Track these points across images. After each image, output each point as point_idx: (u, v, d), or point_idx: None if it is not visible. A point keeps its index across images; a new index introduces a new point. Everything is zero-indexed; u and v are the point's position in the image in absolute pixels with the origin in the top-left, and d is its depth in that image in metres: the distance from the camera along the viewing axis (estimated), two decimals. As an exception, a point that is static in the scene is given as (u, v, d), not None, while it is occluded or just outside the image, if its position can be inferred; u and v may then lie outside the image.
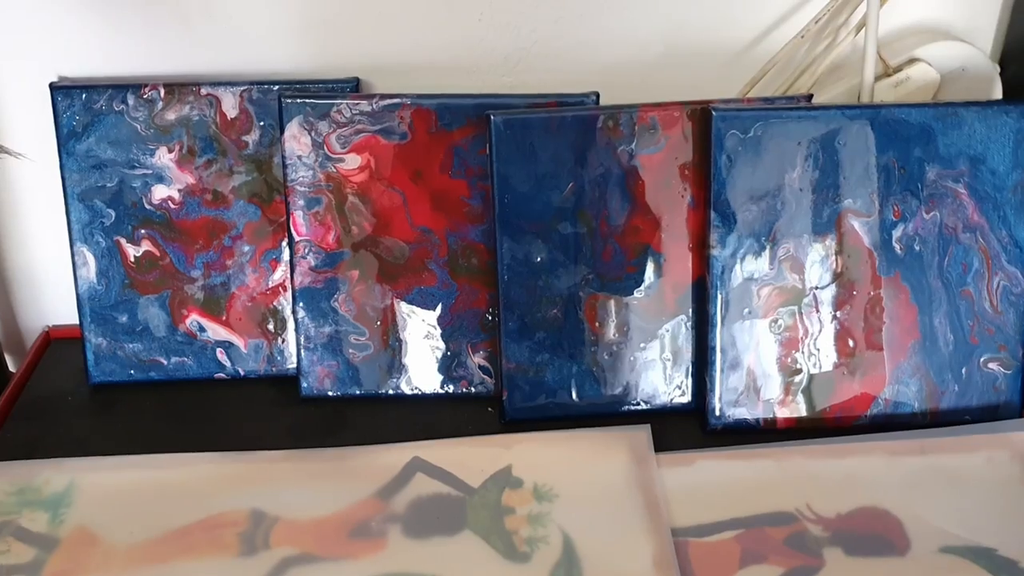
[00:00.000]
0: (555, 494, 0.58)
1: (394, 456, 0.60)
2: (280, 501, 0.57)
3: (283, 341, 0.67)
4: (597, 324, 0.63)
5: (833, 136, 0.59)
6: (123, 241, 0.66)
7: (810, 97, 0.62)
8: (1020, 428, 0.61)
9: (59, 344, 0.73)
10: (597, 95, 0.62)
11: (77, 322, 0.67)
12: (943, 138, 0.59)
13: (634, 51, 0.67)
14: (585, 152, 0.60)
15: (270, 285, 0.67)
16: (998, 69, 0.66)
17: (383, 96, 0.62)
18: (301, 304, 0.64)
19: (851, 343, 0.62)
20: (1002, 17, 0.67)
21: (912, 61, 0.64)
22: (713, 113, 0.58)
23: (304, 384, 0.66)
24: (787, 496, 0.58)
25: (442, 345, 0.65)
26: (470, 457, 0.60)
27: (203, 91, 0.64)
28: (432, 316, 0.65)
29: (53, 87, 0.64)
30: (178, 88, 0.63)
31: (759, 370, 0.62)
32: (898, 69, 0.64)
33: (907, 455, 0.60)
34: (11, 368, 0.75)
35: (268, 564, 0.53)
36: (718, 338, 0.61)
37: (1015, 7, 0.66)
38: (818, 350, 0.62)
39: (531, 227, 0.61)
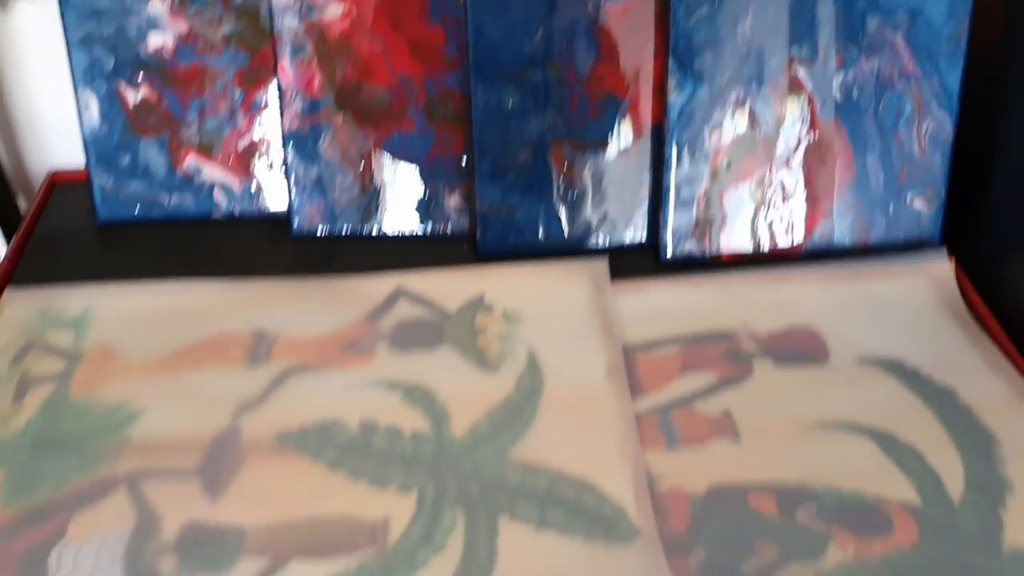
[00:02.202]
0: (522, 317, 0.65)
1: (380, 285, 0.67)
2: (280, 322, 0.64)
3: (273, 183, 0.73)
4: (564, 168, 0.69)
5: (782, -11, 0.63)
6: (123, 85, 0.70)
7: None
8: (937, 259, 0.68)
9: (63, 187, 0.79)
10: (566, -54, 0.66)
11: (79, 166, 0.72)
12: (884, -10, 0.64)
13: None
14: (555, 1, 0.64)
15: (260, 128, 0.72)
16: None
17: (363, -52, 0.66)
18: (290, 146, 0.70)
19: (793, 182, 0.68)
20: None
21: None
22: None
23: (295, 223, 0.72)
24: (728, 317, 0.65)
25: (421, 187, 0.71)
26: (447, 286, 0.67)
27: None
28: (411, 160, 0.70)
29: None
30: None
31: (708, 208, 0.68)
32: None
33: (837, 282, 0.67)
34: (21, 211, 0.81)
35: (270, 373, 0.61)
36: (672, 178, 0.68)
37: None
38: (763, 188, 0.68)
39: (503, 74, 0.66)
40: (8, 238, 0.79)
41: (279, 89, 0.68)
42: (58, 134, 0.77)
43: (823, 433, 0.57)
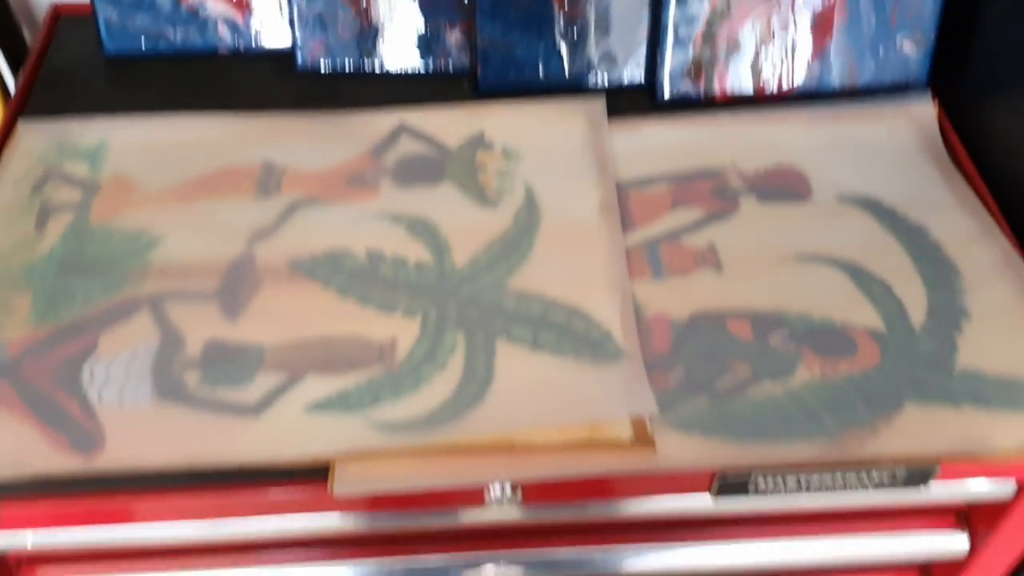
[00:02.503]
0: (520, 154, 0.68)
1: (383, 120, 0.70)
2: (287, 154, 0.67)
3: (277, 19, 0.74)
4: (564, 5, 0.70)
5: None
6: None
7: None
8: (921, 102, 0.70)
9: (68, 20, 0.79)
10: None
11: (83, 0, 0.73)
12: None
13: None
14: None
15: (263, -37, 0.72)
16: None
17: None
18: (293, -19, 0.71)
19: (786, 25, 0.69)
20: None
21: None
22: None
23: (299, 58, 0.73)
24: (717, 156, 0.68)
25: (423, 23, 0.72)
26: (448, 123, 0.69)
27: None
28: (413, -5, 0.71)
29: None
30: None
31: (704, 49, 0.70)
32: None
33: (823, 123, 0.70)
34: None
35: (280, 204, 0.64)
36: (671, 18, 0.69)
37: None
38: (756, 30, 0.69)
39: (504, -90, 0.66)
40: (15, 72, 0.81)
41: (280, -79, 0.69)
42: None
43: (800, 265, 0.61)
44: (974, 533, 0.59)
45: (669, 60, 0.70)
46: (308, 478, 0.50)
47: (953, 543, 0.60)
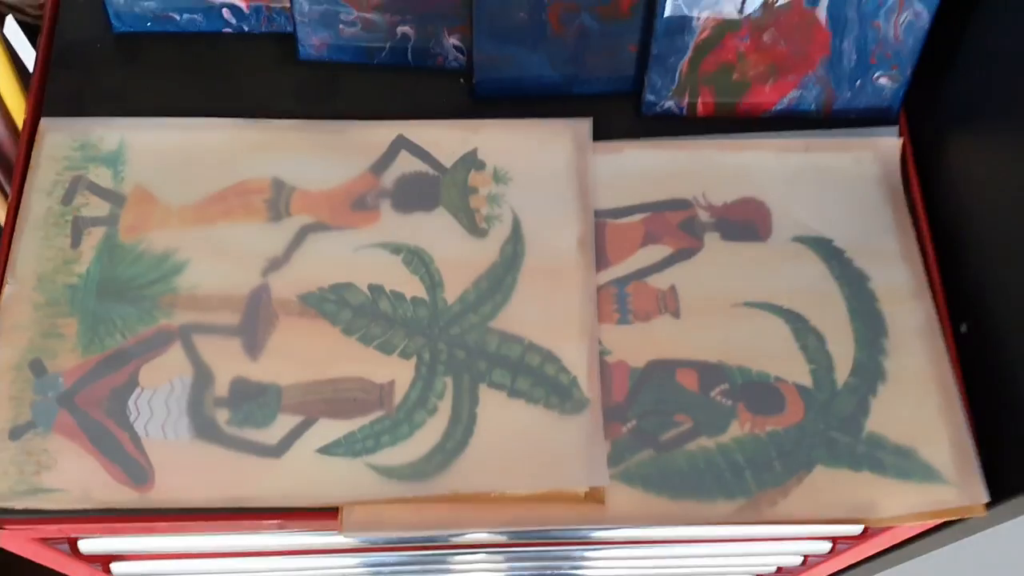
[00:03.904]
0: (510, 177, 0.73)
1: (383, 133, 0.74)
2: (295, 171, 0.72)
3: (282, 9, 0.76)
4: (559, 26, 0.72)
5: None
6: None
7: None
8: (888, 135, 0.75)
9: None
10: None
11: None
12: None
13: None
14: None
15: (265, -39, 0.73)
16: None
17: None
18: (295, -13, 0.72)
19: (771, 57, 0.72)
20: None
21: None
22: None
23: (300, 51, 0.76)
24: (689, 184, 0.74)
25: (422, 26, 0.75)
26: (444, 138, 0.74)
27: None
28: (412, 5, 0.73)
29: None
30: None
31: (688, 72, 0.73)
32: None
33: (793, 152, 0.75)
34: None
35: (291, 229, 0.71)
36: (659, 46, 0.72)
37: None
38: (741, 59, 0.73)
39: (503, -52, 0.67)
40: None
41: (282, -66, 0.69)
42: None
43: (749, 312, 0.69)
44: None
45: (656, 81, 0.74)
46: (322, 512, 0.63)
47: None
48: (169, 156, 0.73)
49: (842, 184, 0.74)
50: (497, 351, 0.67)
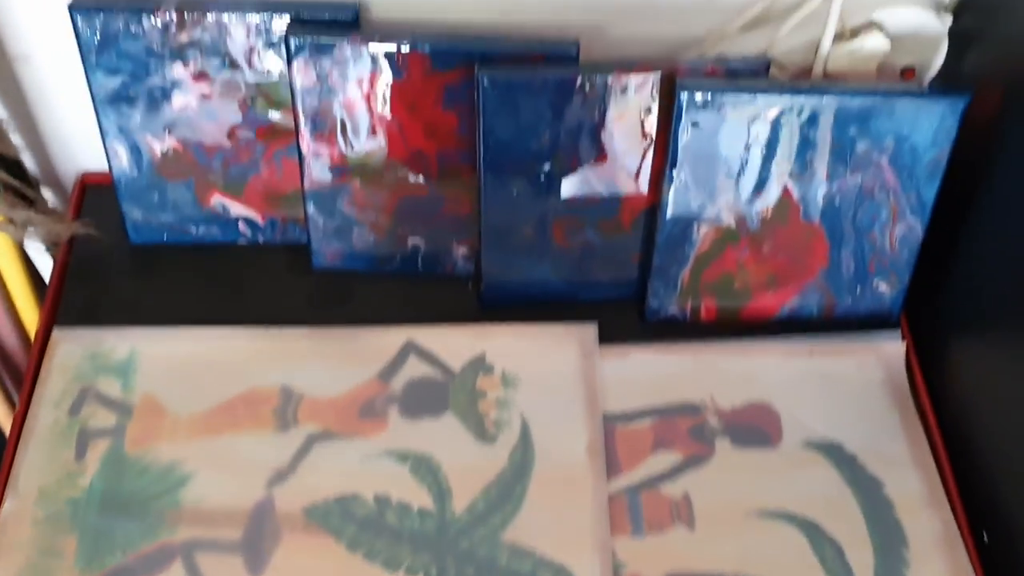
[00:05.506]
0: (518, 381, 0.74)
1: (392, 338, 0.75)
2: (302, 379, 0.73)
3: (296, 222, 0.79)
4: (563, 240, 0.74)
5: (781, 113, 0.67)
6: (149, 138, 0.74)
7: (767, 64, 0.68)
8: (891, 339, 0.76)
9: (94, 189, 0.83)
10: (577, 46, 0.68)
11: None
12: (876, 120, 0.67)
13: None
14: (563, 108, 0.68)
15: (282, 178, 0.76)
16: (950, 19, 0.71)
17: (381, 37, 0.67)
18: (311, 202, 0.75)
19: (771, 268, 0.74)
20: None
21: (870, 26, 0.69)
22: (679, 92, 0.66)
23: (315, 261, 0.78)
24: (697, 389, 0.74)
25: (432, 239, 0.77)
26: (453, 343, 0.75)
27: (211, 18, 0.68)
28: (422, 219, 0.76)
29: (72, 7, 0.68)
30: (189, 13, 0.68)
31: (690, 281, 0.75)
32: (855, 33, 0.69)
33: (797, 356, 0.76)
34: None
35: (299, 439, 0.70)
36: (660, 257, 0.74)
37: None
38: (741, 269, 0.74)
39: (512, 168, 0.70)
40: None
41: (299, 155, 0.73)
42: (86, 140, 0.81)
43: (763, 522, 0.68)
44: None
45: (659, 291, 0.75)
46: None
47: None
48: (179, 365, 0.73)
49: (848, 388, 0.74)
50: (507, 566, 0.65)
